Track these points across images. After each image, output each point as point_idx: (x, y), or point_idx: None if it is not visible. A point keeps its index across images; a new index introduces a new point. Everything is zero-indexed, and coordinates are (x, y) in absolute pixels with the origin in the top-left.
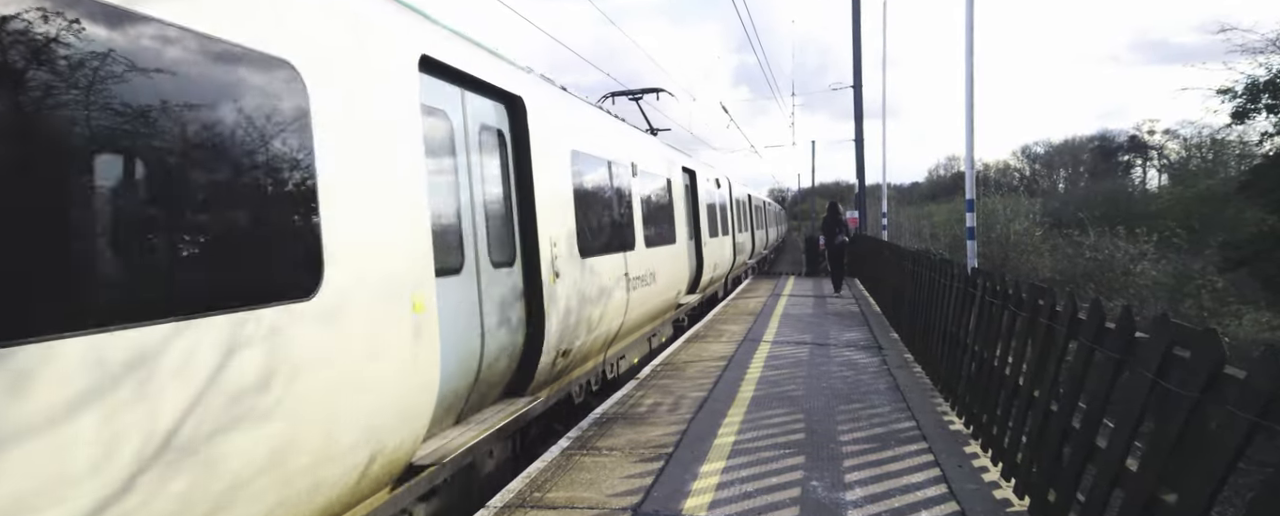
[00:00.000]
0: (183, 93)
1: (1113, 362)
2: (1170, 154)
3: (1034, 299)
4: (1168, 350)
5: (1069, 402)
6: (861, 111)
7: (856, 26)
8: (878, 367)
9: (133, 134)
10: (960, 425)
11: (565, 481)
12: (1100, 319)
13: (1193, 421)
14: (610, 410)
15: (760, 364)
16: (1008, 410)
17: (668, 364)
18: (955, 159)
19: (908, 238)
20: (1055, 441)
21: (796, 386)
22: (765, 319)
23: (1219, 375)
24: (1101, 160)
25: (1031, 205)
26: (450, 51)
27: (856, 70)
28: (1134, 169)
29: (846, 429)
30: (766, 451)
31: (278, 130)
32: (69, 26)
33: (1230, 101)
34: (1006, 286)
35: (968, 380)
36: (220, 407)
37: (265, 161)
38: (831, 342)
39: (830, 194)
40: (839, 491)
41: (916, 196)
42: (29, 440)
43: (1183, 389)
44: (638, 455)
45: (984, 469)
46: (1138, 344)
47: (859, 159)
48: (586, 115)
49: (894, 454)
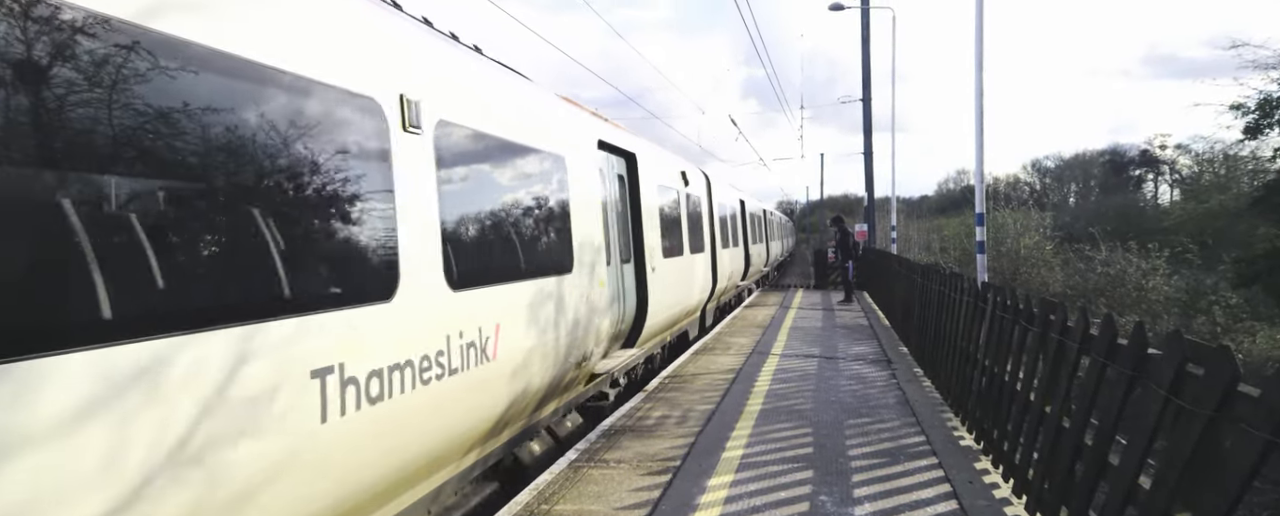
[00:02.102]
0: (530, 180)
1: (1125, 379)
2: (1182, 169)
3: (1046, 314)
4: (1181, 367)
5: (1081, 419)
6: (870, 125)
7: (865, 40)
8: (887, 382)
9: (499, 202)
10: (970, 440)
11: (573, 494)
12: (1113, 334)
13: (1207, 439)
14: (618, 422)
15: (768, 377)
16: (1019, 426)
17: (676, 376)
18: (965, 172)
19: (917, 251)
20: (1067, 458)
21: (805, 400)
22: (774, 331)
23: (1233, 392)
24: (1112, 174)
25: (1041, 219)
26: (606, 133)
27: (865, 84)
28: (1145, 183)
29: (855, 443)
30: (774, 465)
31: (560, 188)
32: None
33: (1243, 117)
34: (1017, 301)
35: (978, 395)
36: (550, 313)
37: (559, 204)
38: (840, 356)
39: (839, 206)
40: (848, 506)
41: (925, 209)
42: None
43: (1196, 406)
44: (645, 468)
45: (995, 485)
46: (1150, 360)
47: (868, 172)
48: (661, 158)
49: (903, 469)
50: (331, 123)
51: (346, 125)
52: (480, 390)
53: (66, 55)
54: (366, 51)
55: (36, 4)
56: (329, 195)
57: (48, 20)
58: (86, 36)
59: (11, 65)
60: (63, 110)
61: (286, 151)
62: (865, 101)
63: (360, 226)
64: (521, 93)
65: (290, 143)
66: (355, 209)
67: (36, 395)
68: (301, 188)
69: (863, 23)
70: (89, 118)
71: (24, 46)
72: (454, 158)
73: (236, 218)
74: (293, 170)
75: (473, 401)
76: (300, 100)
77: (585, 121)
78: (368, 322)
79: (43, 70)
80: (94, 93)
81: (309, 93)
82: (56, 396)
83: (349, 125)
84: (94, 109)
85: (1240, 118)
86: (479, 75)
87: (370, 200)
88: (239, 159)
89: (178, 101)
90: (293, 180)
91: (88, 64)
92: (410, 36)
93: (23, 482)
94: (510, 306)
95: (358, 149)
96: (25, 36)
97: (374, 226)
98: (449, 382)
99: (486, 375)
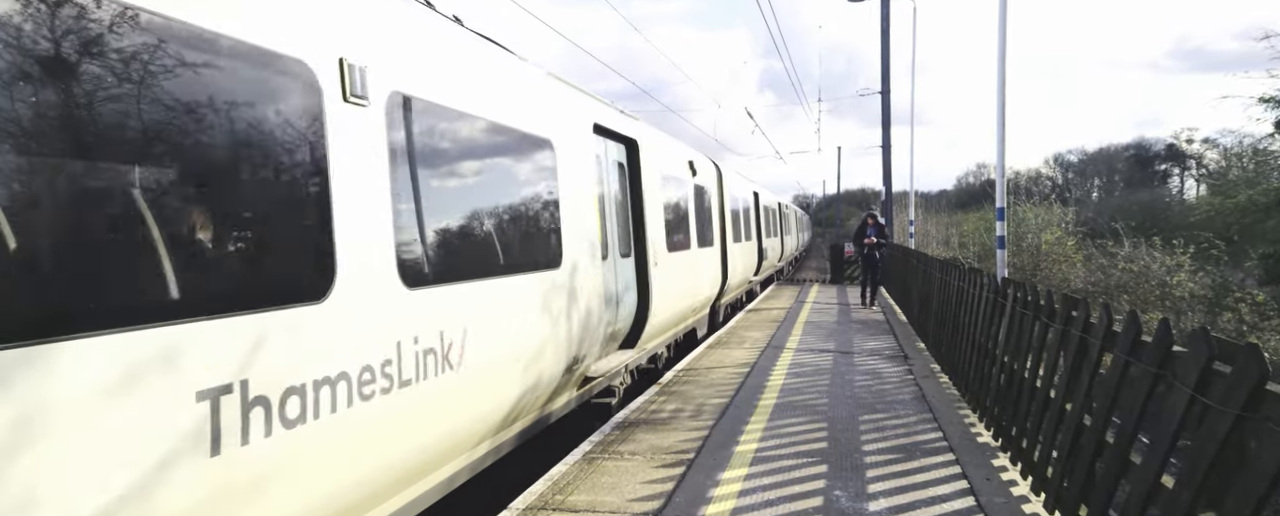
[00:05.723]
0: (508, 164)
1: (1149, 377)
2: (1209, 163)
3: (1067, 310)
4: (1207, 365)
5: (1103, 416)
6: (889, 118)
7: (885, 32)
8: (903, 377)
9: (513, 190)
10: (988, 437)
11: (587, 485)
12: (1137, 331)
13: (1233, 439)
14: (632, 415)
15: (783, 371)
16: (1038, 423)
17: (690, 370)
18: (985, 166)
19: (935, 246)
20: (1088, 456)
21: (819, 395)
22: (789, 326)
23: (1261, 391)
24: (1137, 169)
25: (1063, 214)
26: (604, 116)
27: (885, 76)
28: (1171, 178)
29: (871, 439)
30: (789, 460)
31: (546, 174)
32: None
33: (1272, 110)
34: (1038, 296)
35: (996, 391)
36: (532, 313)
37: (545, 192)
38: (856, 351)
39: (856, 200)
40: (862, 501)
41: (944, 204)
42: None
43: (1223, 405)
44: (659, 460)
45: (1012, 482)
46: (1176, 358)
47: (886, 166)
48: (667, 146)
49: (920, 465)
50: (240, 87)
51: (263, 91)
52: (440, 403)
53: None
54: (295, 5)
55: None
56: (231, 176)
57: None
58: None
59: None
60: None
61: (171, 121)
62: (884, 94)
63: (276, 214)
64: (501, 66)
65: (176, 111)
66: (270, 193)
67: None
68: (189, 165)
69: (882, 13)
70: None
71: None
72: (413, 135)
73: (83, 200)
74: (177, 143)
75: (429, 418)
76: (197, 57)
77: (578, 102)
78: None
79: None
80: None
81: (212, 49)
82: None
83: (267, 91)
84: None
85: (1270, 111)
86: (448, 44)
87: (294, 183)
88: (93, 123)
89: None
90: (176, 156)
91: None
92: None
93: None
94: (481, 306)
95: (278, 120)
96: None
97: (297, 214)
98: (398, 397)
99: (447, 386)
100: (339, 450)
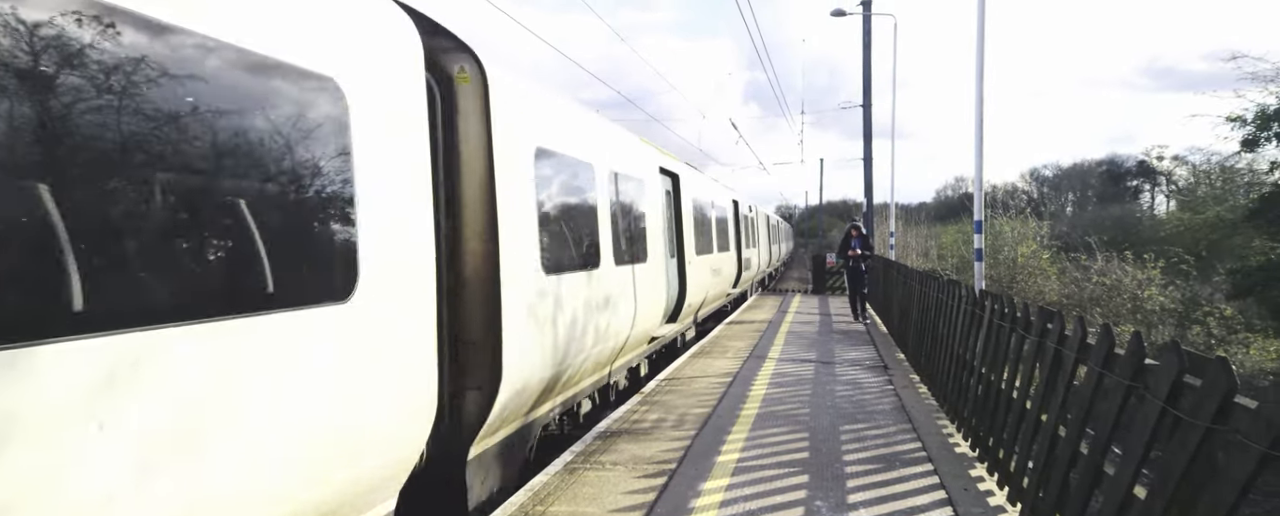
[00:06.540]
0: (637, 193)
1: (1122, 388)
2: (1179, 180)
3: (1043, 322)
4: (1178, 377)
5: (1077, 427)
6: (871, 131)
7: (867, 46)
8: (883, 387)
9: (618, 211)
10: (965, 447)
11: (568, 495)
12: (1110, 344)
13: (1203, 450)
14: (614, 425)
15: (765, 381)
16: (1015, 433)
17: (672, 379)
18: (963, 179)
19: (914, 258)
20: (1063, 466)
21: (801, 405)
22: (771, 335)
23: (1230, 404)
24: (1110, 184)
25: (1038, 227)
26: (663, 161)
27: (866, 89)
28: (1142, 194)
29: (851, 449)
30: (770, 470)
31: (651, 208)
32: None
33: (1240, 129)
34: (1015, 308)
35: (974, 402)
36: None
37: (652, 221)
38: (837, 361)
39: (838, 211)
40: (843, 512)
41: (924, 216)
42: None
43: (1193, 417)
44: (641, 470)
45: (989, 492)
46: (1148, 370)
47: (867, 178)
48: (697, 179)
49: (899, 475)
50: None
51: None
52: (723, 282)
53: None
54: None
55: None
56: (720, 230)
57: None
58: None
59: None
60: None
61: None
62: (865, 107)
63: (724, 234)
64: (624, 137)
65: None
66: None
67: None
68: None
69: (864, 29)
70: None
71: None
72: (619, 188)
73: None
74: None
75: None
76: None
77: (651, 152)
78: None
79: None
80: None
81: None
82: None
83: None
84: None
85: (1237, 129)
86: (624, 141)
87: (580, 207)
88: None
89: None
90: (720, 227)
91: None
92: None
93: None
94: (638, 278)
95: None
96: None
97: (585, 224)
98: (721, 278)
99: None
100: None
